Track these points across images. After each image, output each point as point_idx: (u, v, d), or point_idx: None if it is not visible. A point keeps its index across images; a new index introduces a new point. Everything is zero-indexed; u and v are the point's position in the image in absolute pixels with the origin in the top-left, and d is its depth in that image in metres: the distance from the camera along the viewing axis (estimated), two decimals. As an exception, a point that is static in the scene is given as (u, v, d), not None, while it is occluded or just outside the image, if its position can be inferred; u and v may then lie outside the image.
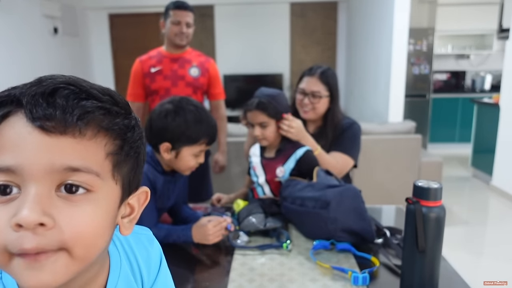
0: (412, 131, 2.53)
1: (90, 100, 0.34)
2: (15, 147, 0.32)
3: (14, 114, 0.33)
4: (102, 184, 0.35)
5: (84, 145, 0.33)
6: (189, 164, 1.04)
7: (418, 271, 0.76)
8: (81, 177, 0.33)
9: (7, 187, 0.32)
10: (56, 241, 0.32)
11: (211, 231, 0.98)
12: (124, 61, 5.31)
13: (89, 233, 0.34)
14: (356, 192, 1.02)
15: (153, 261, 0.50)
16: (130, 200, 0.40)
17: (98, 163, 0.34)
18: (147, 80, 1.80)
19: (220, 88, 1.92)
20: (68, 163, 0.32)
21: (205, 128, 1.02)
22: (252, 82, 5.32)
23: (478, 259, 2.27)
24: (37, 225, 0.31)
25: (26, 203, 0.31)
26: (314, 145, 1.32)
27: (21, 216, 0.30)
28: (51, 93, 0.33)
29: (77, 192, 0.33)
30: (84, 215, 0.34)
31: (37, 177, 0.32)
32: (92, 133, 0.34)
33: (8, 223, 0.31)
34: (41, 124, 0.32)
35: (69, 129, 0.32)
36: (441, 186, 0.74)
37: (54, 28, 4.35)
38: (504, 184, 3.22)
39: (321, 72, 1.40)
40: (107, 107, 0.35)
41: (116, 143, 0.36)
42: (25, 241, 0.31)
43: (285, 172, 1.26)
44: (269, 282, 0.85)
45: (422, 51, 4.36)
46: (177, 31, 1.73)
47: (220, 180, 2.20)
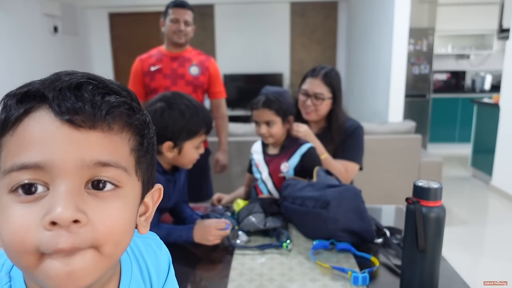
0: (412, 131, 2.53)
1: (113, 95, 0.34)
2: (43, 143, 0.31)
3: (38, 109, 0.32)
4: (128, 180, 0.35)
5: (112, 140, 0.33)
6: (192, 157, 1.04)
7: (418, 271, 0.76)
8: (110, 172, 0.33)
9: (32, 186, 0.31)
10: (89, 238, 0.31)
11: (213, 232, 0.98)
12: (124, 60, 5.31)
13: (119, 230, 0.34)
14: (356, 192, 1.02)
15: (162, 266, 0.50)
16: (146, 198, 0.40)
17: (125, 158, 0.34)
18: (147, 79, 1.80)
19: (221, 87, 1.92)
20: (98, 158, 0.32)
21: (202, 118, 1.02)
22: (252, 81, 5.32)
23: (478, 259, 2.27)
24: (72, 222, 0.30)
25: (59, 200, 0.30)
26: (321, 149, 1.34)
27: (55, 213, 0.29)
28: (77, 87, 0.32)
29: (105, 188, 0.33)
30: (114, 212, 0.33)
31: (68, 173, 0.31)
32: (119, 128, 0.34)
33: (39, 223, 0.30)
34: (70, 118, 0.31)
35: (98, 123, 0.32)
36: (441, 186, 0.74)
37: (54, 27, 4.35)
38: (504, 184, 3.22)
39: (324, 73, 1.40)
40: (128, 102, 0.35)
41: (137, 138, 0.36)
42: (61, 240, 0.30)
43: (290, 168, 1.26)
44: (269, 282, 0.84)
45: (422, 51, 4.36)
46: (175, 29, 1.73)
47: (221, 180, 2.20)
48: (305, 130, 1.32)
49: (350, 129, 1.42)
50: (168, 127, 0.98)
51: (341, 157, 1.40)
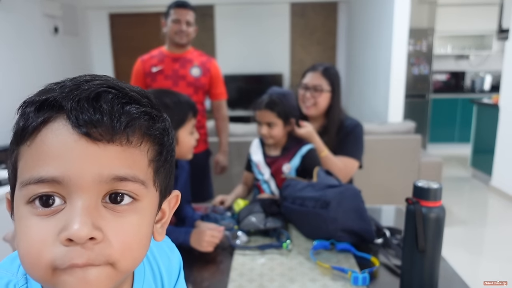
0: (411, 131, 2.53)
1: (133, 104, 0.32)
2: (60, 157, 0.30)
3: (56, 120, 0.31)
4: (146, 193, 0.34)
5: (130, 153, 0.32)
6: (190, 144, 1.07)
7: (417, 271, 0.77)
8: (128, 187, 0.32)
9: (49, 198, 0.30)
10: (105, 255, 0.31)
11: (206, 238, 0.97)
12: (125, 60, 5.32)
13: (136, 245, 0.33)
14: (356, 192, 1.02)
15: (174, 268, 0.50)
16: (163, 205, 0.40)
17: (143, 171, 0.33)
18: (148, 80, 1.80)
19: (222, 88, 1.92)
20: (116, 173, 0.31)
21: (185, 103, 1.06)
22: (252, 82, 5.32)
23: (477, 259, 2.27)
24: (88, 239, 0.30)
25: (76, 216, 0.30)
26: (322, 146, 1.34)
27: (72, 231, 0.29)
28: (95, 97, 0.31)
29: (122, 202, 0.32)
30: (131, 227, 0.33)
31: (85, 188, 0.30)
32: (138, 140, 0.33)
33: (55, 237, 0.30)
34: (88, 131, 0.30)
35: (117, 136, 0.31)
36: (440, 186, 0.74)
37: (54, 28, 4.35)
38: (504, 185, 3.23)
39: (324, 68, 1.43)
40: (148, 111, 0.34)
41: (156, 148, 0.35)
42: (76, 256, 0.29)
43: (292, 169, 1.27)
44: (269, 282, 0.85)
45: (422, 51, 4.37)
46: (177, 29, 1.74)
47: (221, 180, 2.20)
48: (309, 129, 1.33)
49: (350, 127, 1.43)
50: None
51: (341, 154, 1.40)
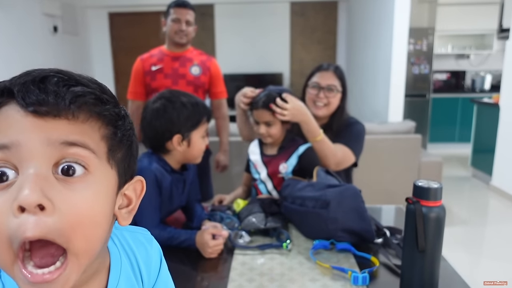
0: (412, 131, 2.53)
1: (79, 86, 0.34)
2: (9, 129, 0.32)
3: (6, 104, 0.33)
4: (98, 165, 0.35)
5: (78, 126, 0.34)
6: (201, 148, 1.07)
7: (418, 271, 0.76)
8: (78, 152, 0.33)
9: (4, 175, 0.31)
10: (56, 229, 0.31)
11: (209, 250, 0.95)
12: (124, 59, 5.31)
13: (88, 221, 0.33)
14: (356, 192, 1.02)
15: (153, 262, 0.49)
16: (126, 190, 0.40)
17: (94, 142, 0.35)
18: (148, 78, 1.80)
19: (222, 87, 1.92)
20: (64, 138, 0.32)
21: (201, 106, 1.06)
22: (252, 81, 5.32)
23: (478, 259, 2.27)
24: (38, 207, 0.30)
25: (26, 183, 0.30)
26: (317, 129, 1.26)
27: (22, 196, 0.30)
28: (41, 80, 0.33)
29: (75, 174, 0.33)
30: (83, 199, 0.33)
31: (35, 154, 0.31)
32: (85, 117, 0.34)
33: (9, 210, 0.30)
34: (34, 109, 0.32)
35: (62, 112, 0.33)
36: (441, 186, 0.74)
37: (54, 27, 4.35)
38: (504, 184, 3.22)
39: (335, 67, 1.40)
40: (97, 93, 0.35)
41: (109, 128, 0.36)
42: (28, 228, 0.29)
43: (288, 168, 1.26)
44: (269, 282, 0.84)
45: (422, 50, 4.36)
46: (177, 29, 1.73)
47: (221, 180, 2.20)
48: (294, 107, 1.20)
49: (351, 122, 1.41)
50: (173, 120, 1.01)
51: (337, 142, 1.36)
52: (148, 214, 1.00)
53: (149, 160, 1.03)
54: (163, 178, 1.02)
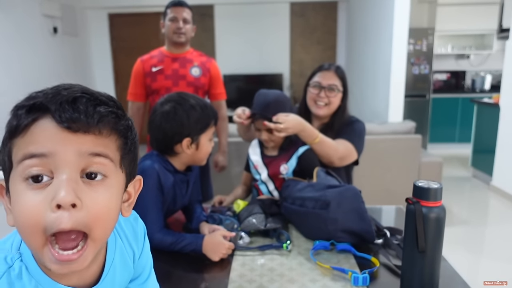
0: (412, 131, 2.53)
1: (102, 105, 0.42)
2: (48, 140, 0.39)
3: (43, 118, 0.40)
4: (114, 171, 0.44)
5: (102, 140, 0.42)
6: (208, 150, 1.08)
7: (418, 272, 0.76)
8: (101, 161, 0.42)
9: (39, 176, 0.39)
10: (83, 222, 0.39)
11: (224, 251, 0.95)
12: (124, 60, 5.31)
13: (106, 215, 0.42)
14: (356, 192, 1.01)
15: (139, 235, 0.59)
16: (129, 187, 0.49)
17: (112, 152, 0.43)
18: (148, 80, 1.80)
19: (221, 88, 1.92)
20: (92, 150, 0.41)
21: (210, 109, 1.06)
22: (252, 82, 5.32)
23: (478, 259, 2.27)
24: (71, 205, 0.38)
25: (62, 187, 0.38)
26: (315, 133, 1.26)
27: (60, 197, 0.38)
28: (73, 100, 0.40)
29: (96, 178, 0.42)
30: (102, 198, 0.42)
31: (68, 162, 0.39)
32: (107, 132, 0.42)
33: (47, 206, 0.38)
34: (68, 125, 0.39)
35: (91, 129, 0.41)
36: (441, 186, 0.74)
37: (53, 28, 4.35)
38: (504, 184, 3.22)
39: (336, 67, 1.41)
40: (115, 111, 0.43)
41: (122, 139, 0.45)
42: (63, 221, 0.38)
43: (289, 169, 1.26)
44: (269, 283, 0.84)
45: (422, 51, 4.36)
46: (174, 28, 1.74)
47: (221, 180, 2.20)
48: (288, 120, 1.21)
49: (352, 120, 1.42)
50: (183, 123, 1.01)
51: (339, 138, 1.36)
52: (152, 217, 0.99)
53: (151, 160, 1.03)
54: (165, 179, 1.02)
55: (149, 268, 0.63)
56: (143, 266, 0.61)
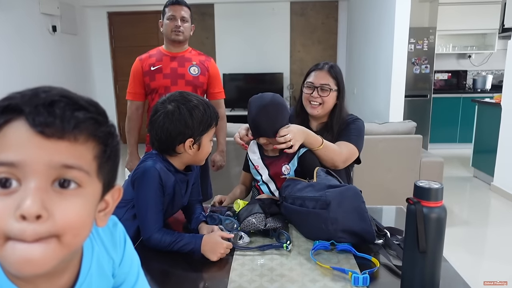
0: (412, 131, 2.52)
1: (81, 110, 0.40)
2: (18, 147, 0.37)
3: (15, 120, 0.38)
4: (90, 182, 0.41)
5: (77, 149, 0.39)
6: (208, 150, 1.08)
7: (419, 272, 0.76)
8: (74, 174, 0.39)
9: (7, 181, 0.37)
10: (49, 231, 0.37)
11: (223, 251, 0.94)
12: (123, 59, 5.31)
13: (78, 224, 0.40)
14: (356, 192, 1.01)
15: (118, 242, 0.56)
16: (106, 196, 0.46)
17: (88, 163, 0.40)
18: (147, 79, 1.79)
19: (220, 88, 1.91)
20: (64, 161, 0.38)
21: (212, 109, 1.06)
22: (252, 81, 5.31)
23: (479, 259, 2.26)
24: (36, 217, 0.36)
25: (28, 196, 0.36)
26: (318, 139, 1.28)
27: (25, 207, 0.36)
28: (50, 104, 0.38)
29: (69, 187, 0.39)
30: (74, 208, 0.39)
31: (37, 172, 0.37)
32: (84, 139, 0.40)
33: (11, 214, 0.36)
34: (42, 129, 0.37)
35: (66, 135, 0.38)
36: (442, 186, 0.73)
37: (52, 26, 4.34)
38: (505, 185, 3.21)
39: (330, 66, 1.41)
40: (94, 117, 0.41)
41: (100, 147, 0.42)
42: (27, 234, 0.36)
43: (291, 170, 1.26)
44: (269, 283, 0.84)
45: (423, 50, 4.35)
46: (172, 26, 1.73)
47: (220, 180, 2.19)
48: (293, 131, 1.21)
49: (351, 119, 1.42)
50: (188, 123, 1.00)
51: (340, 140, 1.37)
52: (151, 217, 0.99)
53: (153, 160, 1.03)
54: (167, 178, 1.02)
55: (135, 274, 0.59)
56: (126, 273, 0.58)
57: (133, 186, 1.03)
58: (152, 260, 0.96)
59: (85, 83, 5.20)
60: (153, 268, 0.92)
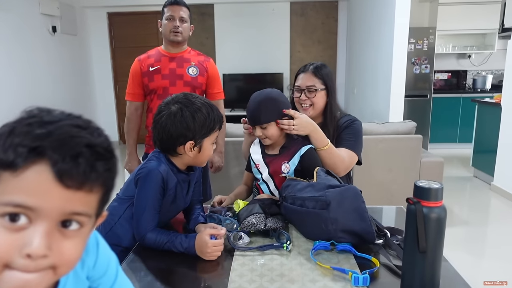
0: (412, 131, 2.52)
1: (101, 161, 0.42)
2: (38, 193, 0.38)
3: (41, 163, 0.38)
4: (90, 222, 0.44)
5: (89, 197, 0.42)
6: (209, 153, 1.07)
7: (419, 272, 0.76)
8: (80, 218, 0.42)
9: (17, 215, 0.38)
10: (48, 265, 0.40)
11: (209, 250, 0.94)
12: (123, 59, 5.30)
13: (76, 259, 0.43)
14: (356, 192, 1.01)
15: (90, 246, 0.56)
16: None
17: (94, 208, 0.43)
18: (146, 79, 1.79)
19: (219, 88, 1.91)
20: (76, 209, 0.41)
21: (216, 112, 1.05)
22: (252, 81, 5.31)
23: (479, 259, 2.26)
24: (41, 256, 0.38)
25: (37, 237, 0.38)
26: (325, 140, 1.30)
27: (32, 249, 0.38)
28: (76, 155, 0.39)
29: (70, 227, 0.41)
30: (75, 247, 0.42)
31: (49, 217, 0.39)
32: (97, 188, 0.42)
33: (17, 251, 0.38)
34: (65, 180, 0.39)
35: (84, 187, 0.40)
36: (442, 186, 0.73)
37: (52, 27, 4.34)
38: (505, 185, 3.21)
39: (314, 67, 1.42)
40: (110, 167, 0.43)
41: (104, 191, 0.44)
42: (29, 269, 0.38)
43: (290, 168, 1.26)
44: (269, 283, 0.84)
45: (423, 50, 4.35)
46: (171, 27, 1.73)
47: (219, 181, 2.19)
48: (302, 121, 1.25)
49: (349, 122, 1.42)
50: (189, 126, 1.00)
51: (339, 147, 1.38)
52: (147, 216, 1.00)
53: (158, 161, 1.03)
54: (169, 180, 1.03)
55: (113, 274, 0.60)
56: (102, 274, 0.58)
57: (136, 184, 1.03)
58: (152, 260, 0.96)
59: (85, 83, 5.20)
60: (153, 268, 0.92)
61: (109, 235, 1.10)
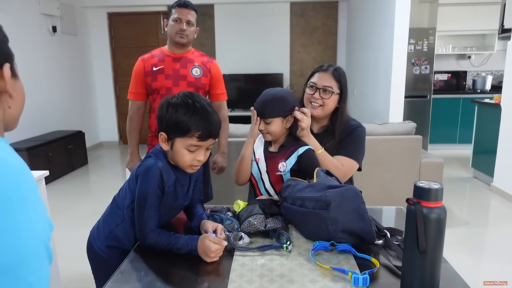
0: (412, 132, 2.52)
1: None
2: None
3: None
4: None
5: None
6: (184, 158, 1.01)
7: (418, 272, 0.76)
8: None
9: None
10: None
11: (212, 255, 0.94)
12: (123, 59, 5.31)
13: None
14: (356, 192, 1.01)
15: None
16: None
17: None
18: (149, 79, 1.79)
19: (222, 89, 1.91)
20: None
21: (198, 119, 0.97)
22: (252, 81, 5.31)
23: (479, 260, 2.26)
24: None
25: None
26: (317, 145, 1.32)
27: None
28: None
29: None
30: None
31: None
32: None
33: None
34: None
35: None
36: (442, 186, 0.73)
37: (52, 27, 4.35)
38: (505, 185, 3.21)
39: (334, 68, 1.41)
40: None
41: None
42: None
43: (287, 167, 1.26)
44: (269, 283, 0.84)
45: (423, 51, 4.36)
46: (177, 29, 1.73)
47: (221, 181, 2.19)
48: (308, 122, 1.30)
49: (352, 128, 1.41)
50: (163, 116, 1.01)
51: (340, 154, 1.38)
52: (148, 214, 1.00)
53: (155, 158, 1.04)
54: (167, 176, 1.03)
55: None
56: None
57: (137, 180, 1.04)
58: (152, 260, 0.96)
59: (85, 83, 5.20)
60: (154, 268, 0.93)
61: (110, 237, 1.10)
